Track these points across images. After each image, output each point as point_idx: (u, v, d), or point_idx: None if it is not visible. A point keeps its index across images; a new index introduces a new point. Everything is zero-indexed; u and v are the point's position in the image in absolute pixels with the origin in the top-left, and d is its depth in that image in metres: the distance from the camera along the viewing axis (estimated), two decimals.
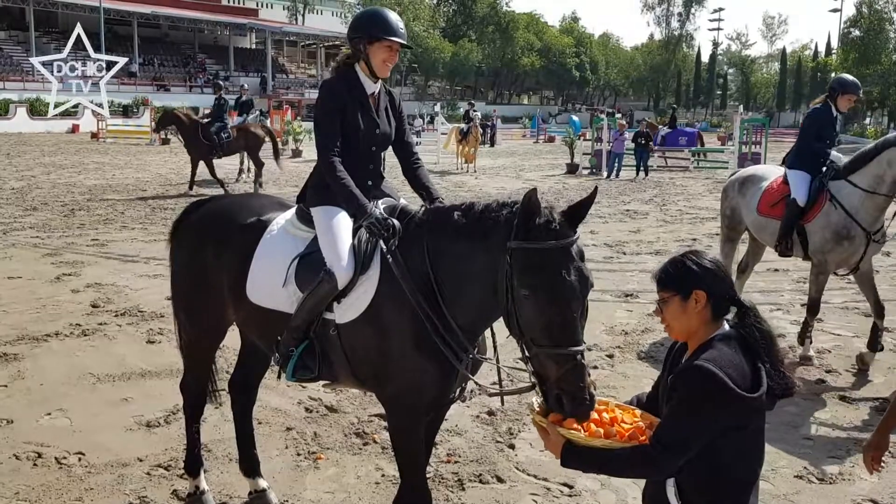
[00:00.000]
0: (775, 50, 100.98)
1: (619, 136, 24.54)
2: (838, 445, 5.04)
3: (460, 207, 3.12)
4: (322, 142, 3.47)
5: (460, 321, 3.08)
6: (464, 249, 3.01)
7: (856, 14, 58.65)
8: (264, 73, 66.12)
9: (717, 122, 73.86)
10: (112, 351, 6.66)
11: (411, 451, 3.31)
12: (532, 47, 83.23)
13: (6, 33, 59.07)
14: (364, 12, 3.62)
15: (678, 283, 2.49)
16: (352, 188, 3.38)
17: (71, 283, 8.99)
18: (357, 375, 3.39)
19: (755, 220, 7.26)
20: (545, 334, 2.61)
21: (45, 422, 5.19)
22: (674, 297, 2.49)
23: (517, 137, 50.77)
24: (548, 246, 2.64)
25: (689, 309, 2.47)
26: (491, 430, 5.20)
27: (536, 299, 2.62)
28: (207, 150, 18.03)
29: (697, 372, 2.34)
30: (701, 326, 2.48)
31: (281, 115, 38.33)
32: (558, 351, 2.58)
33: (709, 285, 2.47)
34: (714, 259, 2.56)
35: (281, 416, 5.36)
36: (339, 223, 3.40)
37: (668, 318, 2.52)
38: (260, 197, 4.15)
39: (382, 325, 3.21)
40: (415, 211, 3.35)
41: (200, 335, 4.03)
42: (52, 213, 14.44)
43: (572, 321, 2.61)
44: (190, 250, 3.95)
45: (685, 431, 2.33)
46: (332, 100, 3.48)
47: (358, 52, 3.53)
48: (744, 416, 2.36)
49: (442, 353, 3.09)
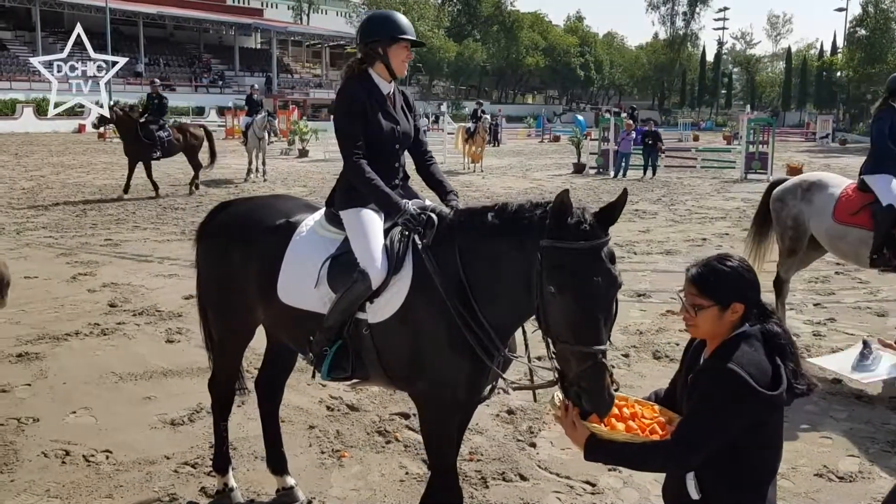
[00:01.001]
0: (780, 49, 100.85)
1: (627, 135, 24.57)
2: (856, 444, 5.07)
3: (493, 208, 3.15)
4: (345, 146, 3.52)
5: (493, 320, 3.12)
6: (497, 250, 3.05)
7: (862, 13, 58.52)
8: (269, 73, 66.19)
9: (722, 121, 73.83)
10: (132, 350, 6.72)
11: (443, 448, 3.36)
12: (536, 47, 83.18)
13: (12, 33, 59.23)
14: (377, 15, 3.68)
15: (718, 293, 2.48)
16: (382, 187, 3.44)
17: (87, 283, 9.06)
18: (389, 374, 3.43)
19: (830, 227, 6.89)
20: (569, 332, 2.65)
21: (70, 420, 5.25)
22: (712, 307, 2.49)
23: (522, 137, 50.79)
24: (577, 246, 2.67)
25: (724, 318, 2.49)
26: (511, 428, 5.25)
27: (563, 297, 2.65)
28: (148, 151, 17.27)
29: (719, 371, 2.38)
30: (730, 331, 2.51)
31: (287, 114, 38.52)
32: (580, 349, 2.61)
33: (748, 297, 2.50)
34: (748, 265, 2.58)
35: (303, 414, 5.41)
36: (370, 224, 3.45)
37: (700, 322, 2.52)
38: (287, 199, 4.19)
39: (415, 325, 3.26)
40: (445, 212, 3.40)
41: (229, 335, 4.08)
42: (63, 213, 14.52)
43: (595, 321, 2.64)
44: (218, 251, 4.00)
45: (707, 429, 2.38)
46: (353, 104, 3.52)
47: (376, 54, 3.58)
48: (764, 413, 2.41)
49: (474, 352, 3.14)
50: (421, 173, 3.86)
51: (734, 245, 12.21)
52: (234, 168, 23.66)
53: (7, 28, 59.28)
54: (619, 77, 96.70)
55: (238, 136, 30.62)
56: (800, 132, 57.00)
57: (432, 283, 3.21)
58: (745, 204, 17.33)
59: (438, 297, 3.18)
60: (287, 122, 35.27)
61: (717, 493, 2.45)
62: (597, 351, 2.59)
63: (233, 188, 19.19)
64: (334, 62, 79.36)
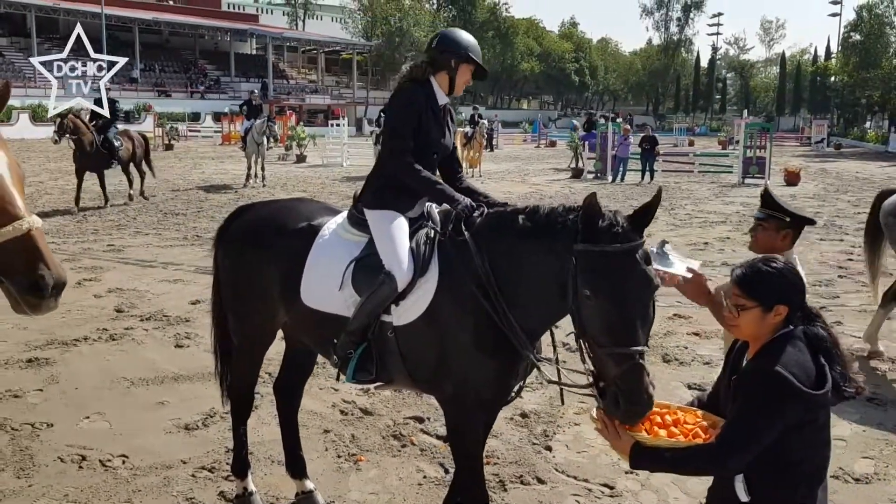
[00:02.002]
0: (774, 54, 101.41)
1: (624, 140, 24.65)
2: (871, 446, 5.09)
3: (524, 211, 3.17)
4: (396, 145, 3.53)
5: (521, 322, 3.13)
6: (528, 252, 3.06)
7: (856, 18, 58.79)
8: (265, 79, 66.18)
9: (716, 126, 74.12)
10: (142, 355, 6.71)
11: (470, 450, 3.36)
12: (531, 52, 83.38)
13: (8, 40, 59.07)
14: (459, 32, 3.71)
15: (763, 294, 2.49)
16: (438, 181, 3.49)
17: (93, 289, 9.04)
18: (413, 376, 3.44)
19: None
20: (605, 334, 2.66)
21: (84, 425, 5.24)
22: (755, 308, 2.50)
23: (518, 142, 50.87)
24: (611, 249, 2.68)
25: (767, 319, 2.50)
26: (526, 432, 5.25)
27: (598, 300, 2.66)
28: (106, 162, 15.97)
29: (764, 372, 2.39)
30: (773, 332, 2.52)
31: (284, 120, 38.54)
32: (618, 350, 2.62)
33: (792, 300, 2.50)
34: (794, 269, 2.58)
35: (317, 418, 5.41)
36: (396, 227, 3.46)
37: (743, 323, 2.53)
38: (308, 202, 4.20)
39: (442, 326, 3.27)
40: (475, 214, 3.41)
41: (250, 339, 4.08)
42: (64, 219, 14.48)
43: (632, 322, 2.64)
44: (238, 255, 4.00)
45: (752, 430, 2.38)
46: (412, 106, 3.54)
47: (447, 64, 3.61)
48: (810, 412, 2.41)
49: (503, 352, 3.15)
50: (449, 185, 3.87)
51: (735, 249, 12.27)
52: (233, 173, 23.66)
53: (3, 34, 59.16)
54: (613, 82, 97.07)
55: (235, 141, 30.63)
56: (795, 137, 57.24)
57: (459, 283, 3.22)
58: (743, 208, 17.40)
59: (466, 298, 3.19)
60: (284, 128, 35.27)
61: (767, 494, 2.46)
62: (635, 352, 2.60)
63: (232, 193, 19.16)
64: (330, 68, 79.45)
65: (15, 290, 2.65)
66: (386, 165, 3.59)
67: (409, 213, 3.53)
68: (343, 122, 31.55)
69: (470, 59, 3.61)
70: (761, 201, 3.58)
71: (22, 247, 2.63)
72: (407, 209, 3.54)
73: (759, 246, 3.51)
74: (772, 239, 3.50)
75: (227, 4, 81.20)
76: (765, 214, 3.52)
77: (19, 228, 2.63)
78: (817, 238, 13.41)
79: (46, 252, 2.67)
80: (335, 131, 31.73)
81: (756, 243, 3.55)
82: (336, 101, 66.64)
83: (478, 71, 3.68)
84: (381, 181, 3.59)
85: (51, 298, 2.67)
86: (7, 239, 2.61)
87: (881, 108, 60.24)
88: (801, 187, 22.94)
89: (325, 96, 69.83)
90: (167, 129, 38.59)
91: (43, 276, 2.62)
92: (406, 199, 3.55)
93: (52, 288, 2.64)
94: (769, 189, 3.67)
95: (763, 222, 3.52)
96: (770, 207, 3.51)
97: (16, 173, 2.78)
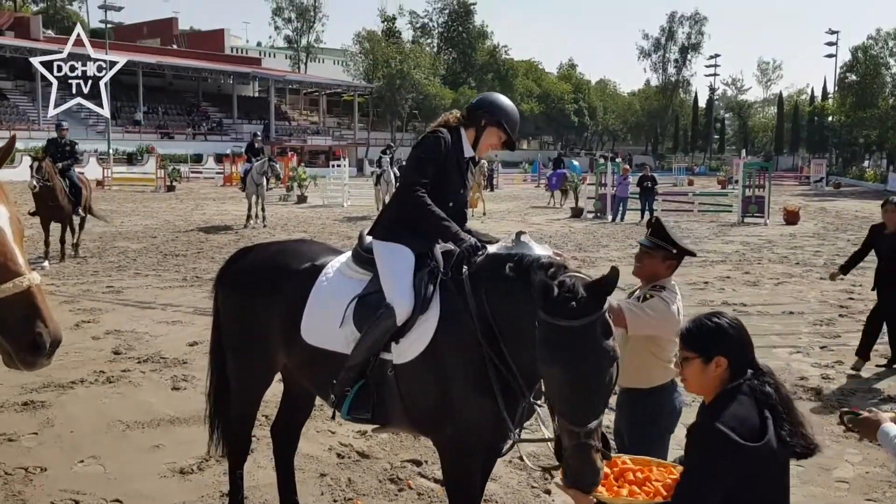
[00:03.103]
0: (771, 94, 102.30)
1: (623, 180, 24.77)
2: (874, 487, 5.03)
3: (513, 258, 3.16)
4: (413, 181, 3.55)
5: (518, 366, 3.11)
6: (517, 299, 3.05)
7: (852, 59, 59.51)
8: (267, 121, 66.79)
9: (715, 165, 74.54)
10: (138, 398, 6.67)
11: (467, 494, 3.32)
12: (531, 93, 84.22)
13: (12, 83, 59.78)
14: (502, 99, 3.79)
15: (701, 346, 2.57)
16: (444, 217, 3.47)
17: (91, 330, 9.02)
18: (411, 417, 3.41)
19: None
20: (561, 406, 2.63)
21: (79, 469, 5.19)
22: (696, 359, 2.56)
23: (518, 182, 51.16)
24: (566, 324, 2.59)
25: (708, 371, 2.55)
26: (524, 475, 5.19)
27: (554, 373, 2.61)
28: (74, 209, 14.29)
29: (703, 428, 2.45)
30: (718, 386, 2.55)
31: (286, 161, 38.81)
32: (570, 427, 2.58)
33: (731, 352, 2.55)
34: (737, 323, 2.62)
35: (313, 462, 5.35)
36: (402, 260, 3.47)
37: (688, 375, 2.61)
38: (311, 243, 4.23)
39: (442, 366, 3.26)
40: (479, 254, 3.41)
41: (249, 380, 4.06)
42: (64, 261, 14.48)
43: (586, 400, 2.57)
44: (240, 297, 4.00)
45: (699, 487, 2.42)
46: (438, 150, 3.58)
47: (478, 124, 3.67)
48: (754, 466, 2.40)
49: (502, 396, 3.12)
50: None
51: (736, 288, 12.26)
52: (234, 214, 23.74)
53: (7, 77, 59.85)
54: (612, 123, 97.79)
55: (236, 182, 30.77)
56: (793, 176, 57.59)
57: (459, 323, 3.21)
58: (743, 247, 17.42)
59: (466, 338, 3.18)
60: (286, 169, 35.50)
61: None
62: (581, 431, 2.54)
63: (232, 234, 19.21)
64: (331, 109, 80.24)
65: (11, 348, 2.63)
66: (399, 197, 3.62)
67: (416, 248, 3.53)
68: (344, 163, 31.80)
69: (500, 126, 3.65)
70: (651, 230, 3.75)
71: (21, 304, 2.61)
72: (416, 245, 3.54)
73: (645, 272, 3.73)
74: (656, 267, 3.70)
75: (230, 48, 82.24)
76: (652, 243, 3.69)
77: (19, 285, 2.61)
78: (818, 277, 13.40)
79: (45, 309, 2.65)
80: (336, 172, 31.96)
81: (642, 270, 3.74)
82: (337, 143, 67.23)
83: (507, 142, 3.71)
84: (394, 214, 3.62)
85: (45, 356, 2.66)
86: (6, 295, 2.60)
87: (879, 147, 60.75)
88: (801, 226, 23.00)
89: (327, 137, 70.44)
90: (169, 171, 38.82)
91: (41, 335, 2.60)
92: (416, 235, 3.54)
93: (48, 346, 2.63)
94: (660, 220, 3.86)
95: (650, 251, 3.69)
96: (659, 237, 3.68)
97: (16, 228, 2.77)
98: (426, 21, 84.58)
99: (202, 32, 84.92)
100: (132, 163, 48.69)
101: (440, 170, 3.56)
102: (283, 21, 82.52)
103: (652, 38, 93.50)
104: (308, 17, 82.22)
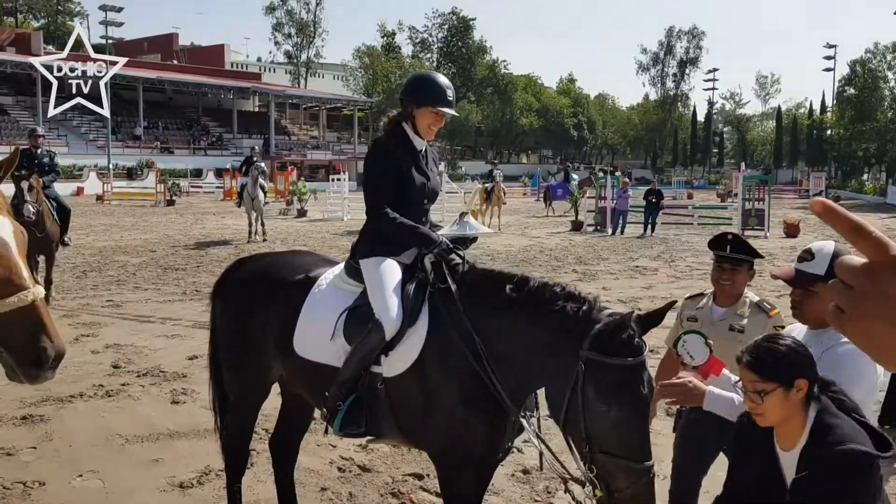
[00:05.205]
0: (769, 108, 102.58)
1: (623, 193, 24.78)
2: None
3: (512, 279, 3.13)
4: (372, 197, 3.54)
5: (504, 382, 3.07)
6: (512, 321, 3.04)
7: (850, 73, 59.73)
8: (267, 135, 66.92)
9: (715, 179, 74.63)
10: (138, 412, 6.62)
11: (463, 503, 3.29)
12: (530, 108, 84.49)
13: (13, 98, 59.97)
14: (417, 77, 3.75)
15: (780, 373, 2.40)
16: (414, 225, 3.45)
17: (90, 344, 8.98)
18: (403, 430, 3.38)
19: None
20: (618, 445, 2.61)
21: (77, 484, 5.14)
22: (777, 389, 2.39)
23: (518, 195, 51.16)
24: (628, 363, 2.62)
25: (791, 398, 2.39)
26: (528, 488, 5.14)
27: (614, 414, 2.61)
28: (61, 237, 11.53)
29: (838, 456, 2.26)
30: (799, 410, 2.42)
31: (286, 175, 38.86)
32: (631, 465, 2.58)
33: (807, 372, 2.41)
34: (798, 341, 2.52)
35: (314, 476, 5.30)
36: (387, 273, 3.43)
37: (768, 409, 2.42)
38: (305, 254, 4.20)
39: (431, 379, 3.22)
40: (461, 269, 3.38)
41: (245, 393, 4.03)
42: (64, 275, 14.44)
43: (646, 435, 2.62)
44: (236, 308, 3.97)
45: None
46: (385, 159, 3.56)
47: (407, 113, 3.62)
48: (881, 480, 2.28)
49: (490, 410, 3.09)
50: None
51: None
52: (233, 228, 23.75)
53: (8, 93, 60.04)
54: (611, 137, 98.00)
55: (235, 196, 30.78)
56: (793, 189, 57.59)
57: (447, 336, 3.18)
58: None
59: (455, 352, 3.14)
60: (286, 183, 35.53)
61: None
62: (648, 467, 2.57)
63: (232, 248, 19.18)
64: (331, 124, 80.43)
65: (15, 362, 2.62)
66: (370, 223, 3.60)
67: (402, 259, 3.49)
68: (344, 177, 31.79)
69: (424, 104, 3.54)
70: (731, 246, 3.59)
71: (26, 318, 2.59)
72: (399, 255, 3.51)
73: (738, 288, 3.61)
74: (744, 282, 3.60)
75: (230, 63, 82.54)
76: (738, 258, 3.55)
77: (24, 299, 2.59)
78: None
79: (49, 323, 2.64)
80: (336, 186, 31.94)
81: (735, 286, 3.62)
82: (337, 157, 67.27)
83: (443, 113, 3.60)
84: (371, 234, 3.59)
85: (49, 370, 2.64)
86: (11, 309, 2.58)
87: (878, 160, 60.84)
88: (802, 239, 22.96)
89: (327, 152, 70.53)
90: (169, 186, 38.86)
91: (45, 349, 2.58)
92: (396, 246, 3.52)
93: (52, 360, 2.61)
94: (737, 235, 3.74)
95: (737, 266, 3.55)
96: (743, 252, 3.56)
97: (20, 240, 2.76)
98: (426, 36, 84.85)
99: (202, 48, 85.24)
100: (132, 177, 48.85)
101: (398, 174, 3.52)
102: (283, 36, 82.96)
103: (650, 53, 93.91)
104: (308, 32, 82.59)
